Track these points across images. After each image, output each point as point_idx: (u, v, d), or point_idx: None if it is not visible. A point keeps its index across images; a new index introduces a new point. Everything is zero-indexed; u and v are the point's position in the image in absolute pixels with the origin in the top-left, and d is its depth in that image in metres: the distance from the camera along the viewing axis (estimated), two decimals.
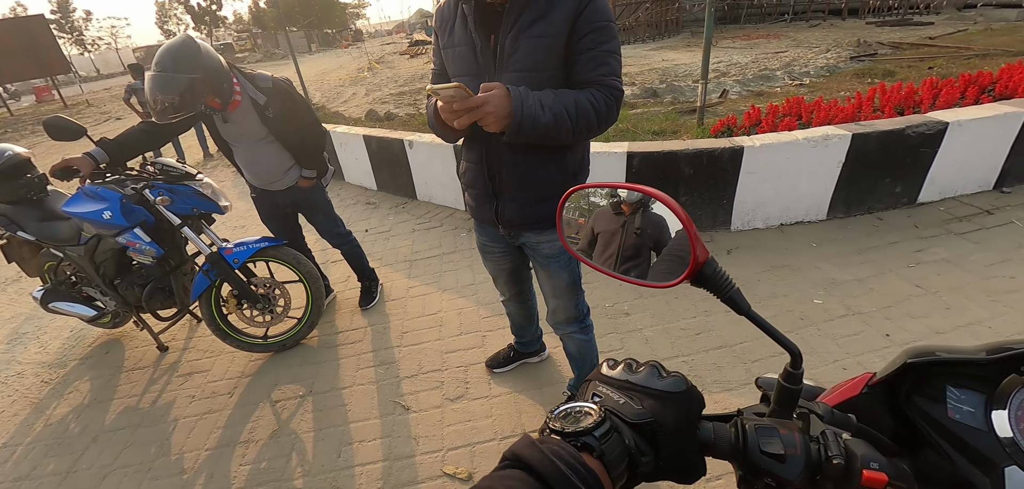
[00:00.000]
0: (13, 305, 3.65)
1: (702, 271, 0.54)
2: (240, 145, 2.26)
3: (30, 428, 2.38)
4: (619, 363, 0.55)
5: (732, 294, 0.54)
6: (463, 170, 1.52)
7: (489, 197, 1.45)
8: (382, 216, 4.16)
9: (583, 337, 1.74)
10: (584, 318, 1.72)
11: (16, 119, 16.23)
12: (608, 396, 0.49)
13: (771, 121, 3.51)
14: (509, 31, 1.19)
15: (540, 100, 1.14)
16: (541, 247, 1.51)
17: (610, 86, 1.21)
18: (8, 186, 2.46)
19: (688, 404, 0.47)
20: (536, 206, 1.41)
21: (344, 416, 2.14)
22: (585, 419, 0.44)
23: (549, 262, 1.54)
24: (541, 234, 1.48)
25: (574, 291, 1.62)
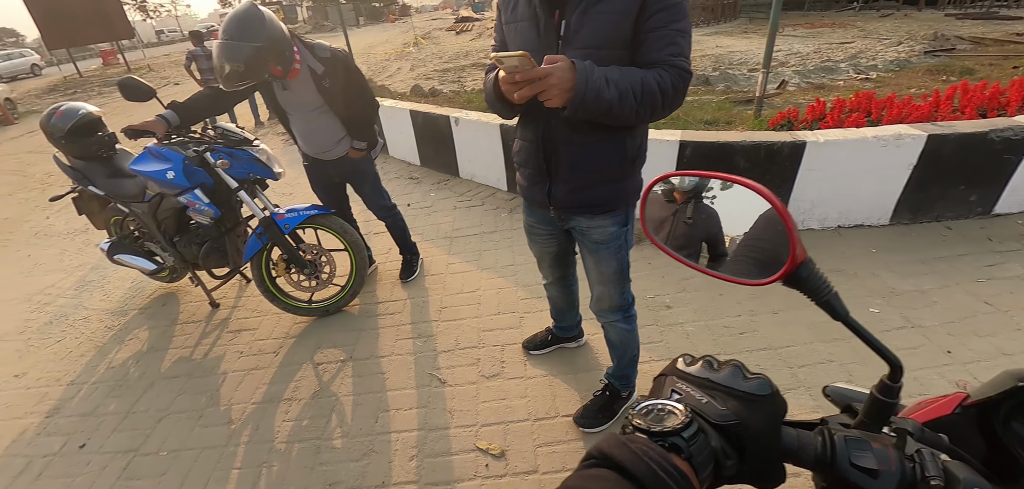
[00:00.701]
0: (81, 254, 3.94)
1: (799, 272, 0.50)
2: (296, 113, 2.31)
3: (94, 369, 2.57)
4: (697, 360, 0.52)
5: (829, 298, 0.50)
6: (517, 149, 1.49)
7: (542, 178, 1.42)
8: (425, 191, 4.20)
9: (626, 326, 1.70)
10: (628, 307, 1.68)
11: (85, 80, 17.34)
12: (689, 395, 0.46)
13: (837, 116, 3.28)
14: (577, 7, 1.15)
15: (605, 75, 1.09)
16: (591, 233, 1.47)
17: (678, 67, 1.16)
18: (81, 143, 2.62)
19: (773, 408, 0.44)
20: (590, 190, 1.37)
21: (382, 383, 2.20)
22: (670, 419, 0.42)
23: (598, 248, 1.50)
24: (593, 219, 1.44)
25: (621, 280, 1.58)
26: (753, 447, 0.43)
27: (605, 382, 1.91)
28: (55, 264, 3.86)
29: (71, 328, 2.96)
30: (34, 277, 3.71)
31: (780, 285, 0.53)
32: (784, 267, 0.51)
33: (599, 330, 2.21)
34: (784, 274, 0.51)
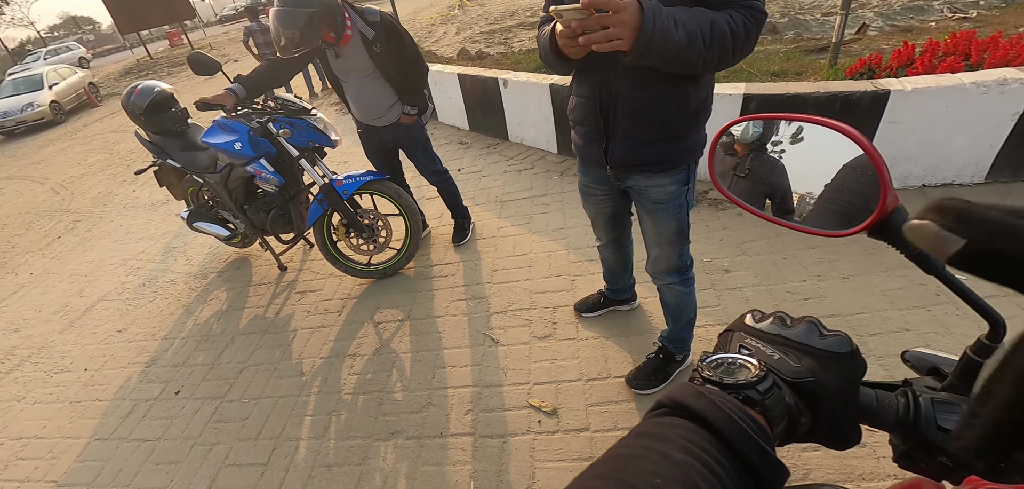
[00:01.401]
0: (165, 223, 4.31)
1: (889, 221, 0.46)
2: (350, 81, 2.36)
3: (183, 326, 2.85)
4: (767, 316, 0.49)
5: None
6: (572, 106, 1.44)
7: (599, 135, 1.38)
8: (474, 156, 4.22)
9: (684, 289, 1.65)
10: (687, 269, 1.62)
11: (155, 62, 18.60)
12: (759, 350, 0.44)
13: (928, 61, 2.91)
14: None
15: (673, 16, 1.01)
16: (650, 192, 1.41)
17: (752, 7, 1.06)
18: (158, 118, 2.83)
19: (853, 366, 0.41)
20: (649, 146, 1.31)
21: (438, 342, 2.28)
22: (742, 372, 0.40)
23: (657, 208, 1.44)
24: (652, 178, 1.38)
25: (680, 241, 1.52)
26: (829, 406, 0.40)
27: (659, 345, 1.87)
28: (143, 233, 4.26)
29: (161, 290, 3.28)
30: (127, 244, 4.12)
31: (853, 247, 0.48)
32: (874, 214, 0.47)
33: (653, 293, 2.17)
34: (873, 221, 0.47)
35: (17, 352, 2.98)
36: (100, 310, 3.21)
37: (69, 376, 2.65)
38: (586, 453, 1.69)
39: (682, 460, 0.30)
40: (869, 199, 0.47)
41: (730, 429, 0.33)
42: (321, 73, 7.53)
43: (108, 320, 3.08)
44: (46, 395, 2.56)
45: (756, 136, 0.66)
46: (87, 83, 13.32)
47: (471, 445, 1.80)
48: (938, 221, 0.32)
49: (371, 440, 1.89)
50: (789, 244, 2.42)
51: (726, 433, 0.32)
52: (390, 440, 1.88)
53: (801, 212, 0.59)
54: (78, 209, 5.33)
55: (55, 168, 7.47)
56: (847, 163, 0.52)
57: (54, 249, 4.42)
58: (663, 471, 0.30)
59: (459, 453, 1.78)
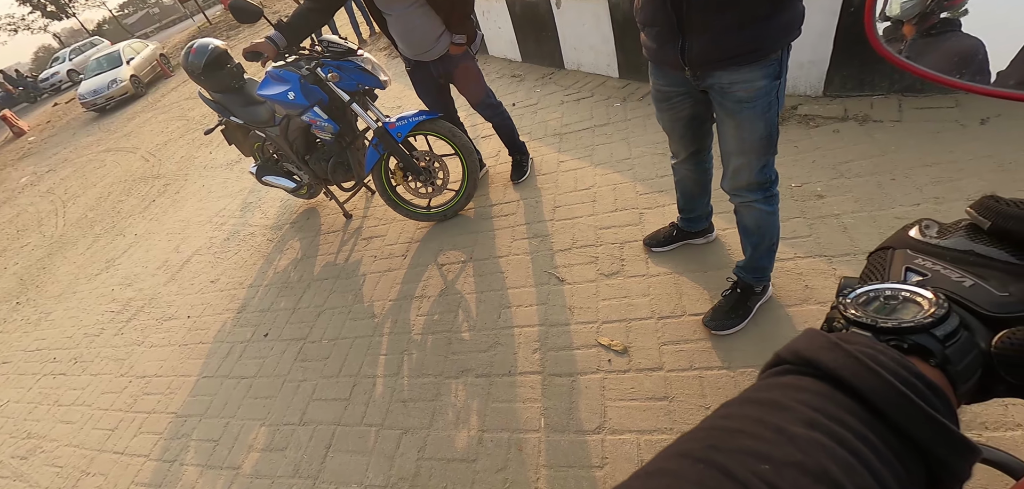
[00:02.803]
0: (239, 182, 4.58)
1: None
2: (394, 13, 2.25)
3: (265, 274, 3.05)
4: (950, 228, 0.35)
5: None
6: (639, 5, 1.26)
7: (673, 33, 1.21)
8: (528, 89, 4.02)
9: (767, 208, 1.45)
10: (771, 185, 1.42)
11: (214, 26, 19.44)
12: (940, 275, 0.30)
13: None
14: None
15: None
16: (735, 90, 1.23)
17: None
18: (216, 76, 2.89)
19: None
20: (734, 34, 1.13)
21: (502, 282, 2.26)
22: (909, 309, 0.28)
23: (742, 108, 1.26)
24: (738, 72, 1.20)
25: (767, 148, 1.33)
26: None
27: (734, 278, 1.70)
28: (222, 191, 4.56)
29: (243, 242, 3.53)
30: (210, 202, 4.44)
31: (979, 163, 0.34)
32: None
33: (733, 224, 1.97)
34: None
35: (133, 303, 3.37)
36: (194, 264, 3.52)
37: (176, 323, 2.96)
38: (660, 393, 1.62)
39: (805, 437, 0.21)
40: None
41: (884, 395, 0.22)
42: (367, 15, 7.43)
43: (202, 272, 3.37)
44: (159, 339, 2.88)
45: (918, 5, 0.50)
46: (159, 55, 14.24)
47: (540, 383, 1.79)
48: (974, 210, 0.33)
49: (442, 377, 1.94)
50: (898, 163, 2.09)
51: (878, 401, 0.22)
52: (460, 378, 1.91)
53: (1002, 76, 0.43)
54: (166, 174, 5.81)
55: (143, 138, 8.16)
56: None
57: (151, 211, 4.88)
58: (776, 452, 0.21)
59: (528, 391, 1.78)
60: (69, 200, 6.52)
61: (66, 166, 8.59)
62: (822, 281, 1.79)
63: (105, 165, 7.50)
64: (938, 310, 0.27)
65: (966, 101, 2.31)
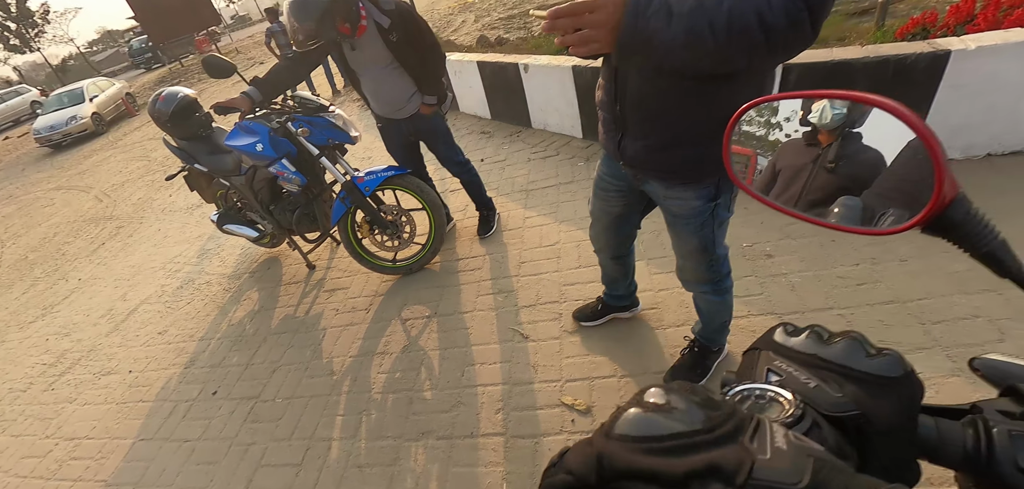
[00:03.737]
0: (199, 227, 4.44)
1: (947, 214, 0.38)
2: (367, 74, 2.32)
3: (218, 327, 2.91)
4: (801, 331, 0.40)
5: (994, 248, 0.37)
6: (598, 87, 1.27)
7: (615, 126, 1.19)
8: (497, 145, 4.14)
9: (716, 298, 1.48)
10: (720, 280, 1.43)
11: (186, 70, 19.26)
12: (792, 377, 0.36)
13: (991, 15, 2.64)
14: None
15: (669, 8, 0.79)
16: (669, 203, 1.24)
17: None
18: (183, 124, 2.87)
19: (909, 393, 0.33)
20: (664, 152, 1.11)
21: (466, 338, 2.24)
22: (773, 408, 0.33)
23: (677, 222, 1.27)
24: (670, 188, 1.19)
25: (705, 256, 1.34)
26: (880, 444, 0.33)
27: (692, 338, 1.75)
28: (180, 236, 4.40)
29: (197, 291, 3.37)
30: (165, 248, 4.26)
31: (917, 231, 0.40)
32: (928, 206, 0.38)
33: (664, 295, 2.07)
34: (927, 215, 0.38)
35: (69, 355, 3.13)
36: (142, 313, 3.33)
37: (115, 378, 2.76)
38: None
39: None
40: (923, 187, 0.39)
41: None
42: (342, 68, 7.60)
43: (150, 323, 3.18)
44: (95, 397, 2.67)
45: (841, 121, 0.57)
46: (124, 94, 13.92)
47: (503, 445, 1.75)
48: None
49: (402, 440, 1.87)
50: (846, 234, 2.25)
51: None
52: (420, 440, 1.85)
53: (845, 208, 0.51)
54: (120, 215, 5.56)
55: (98, 177, 7.84)
56: (901, 146, 0.43)
57: (99, 255, 4.63)
58: None
59: (490, 454, 1.74)
60: (8, 240, 6.11)
61: (9, 203, 8.11)
62: None
63: (53, 204, 7.13)
64: (796, 410, 0.32)
65: None
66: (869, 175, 0.49)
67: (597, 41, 0.81)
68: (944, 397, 1.56)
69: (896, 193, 0.45)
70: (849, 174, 0.51)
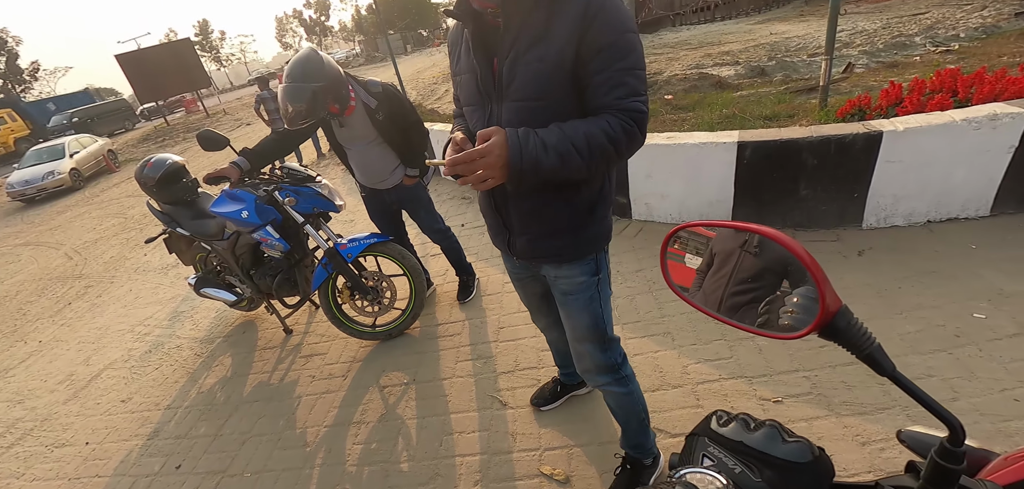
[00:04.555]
0: (173, 288, 4.35)
1: (833, 323, 0.47)
2: (353, 148, 2.44)
3: (187, 394, 2.82)
4: (732, 418, 0.49)
5: (872, 351, 0.47)
6: (478, 200, 1.41)
7: (501, 230, 1.33)
8: (477, 211, 4.27)
9: (620, 390, 1.49)
10: (618, 368, 1.46)
11: (172, 129, 19.37)
12: (722, 461, 0.44)
13: (916, 99, 2.98)
14: (507, 55, 1.06)
15: (543, 142, 1.00)
16: (559, 282, 1.35)
17: (628, 109, 1.02)
18: (169, 189, 2.91)
19: (815, 476, 0.41)
20: (548, 240, 1.26)
21: (445, 406, 2.23)
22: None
23: (567, 299, 1.36)
24: (559, 267, 1.32)
25: (598, 335, 1.39)
26: None
27: (621, 457, 1.69)
28: (152, 297, 4.30)
29: (167, 356, 3.28)
30: (135, 309, 4.15)
31: (866, 290, 0.49)
32: (815, 319, 0.47)
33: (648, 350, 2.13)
34: (816, 327, 0.48)
35: (20, 425, 2.95)
36: (105, 379, 3.20)
37: (70, 450, 2.61)
38: None
39: None
40: (814, 298, 0.48)
41: None
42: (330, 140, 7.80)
43: (113, 389, 3.06)
44: (46, 471, 2.51)
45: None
46: (107, 150, 13.85)
47: None
48: None
49: None
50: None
51: None
52: None
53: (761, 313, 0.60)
54: (90, 274, 5.41)
55: (71, 233, 7.65)
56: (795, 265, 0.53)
57: (64, 315, 4.46)
58: None
59: None
60: None
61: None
62: (744, 401, 1.95)
63: (20, 260, 6.88)
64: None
65: (845, 236, 2.75)
66: (783, 267, 0.58)
67: (493, 178, 0.99)
68: (901, 456, 1.64)
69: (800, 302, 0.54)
70: (770, 259, 0.59)
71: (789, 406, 1.83)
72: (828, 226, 2.81)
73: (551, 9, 1.02)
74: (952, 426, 0.43)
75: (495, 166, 0.97)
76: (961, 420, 0.45)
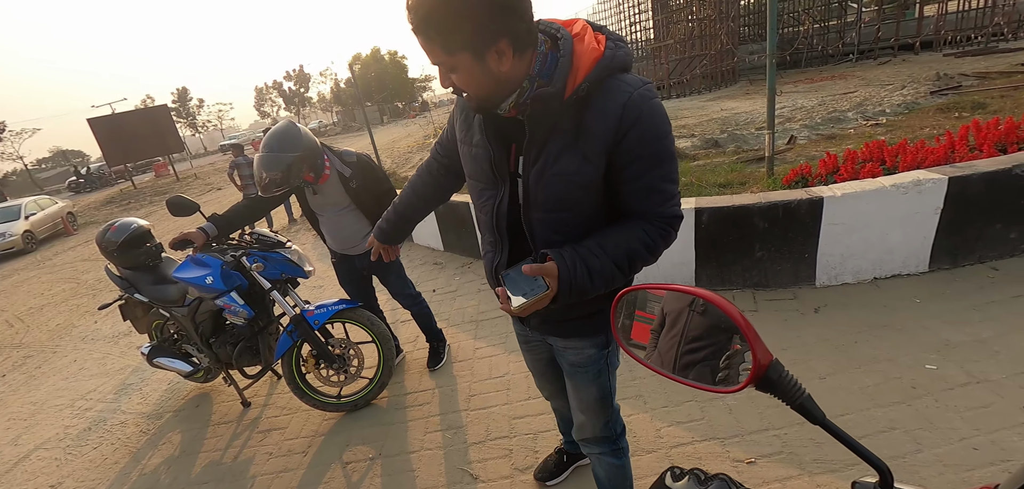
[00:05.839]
0: (123, 358, 4.09)
1: (766, 376, 0.51)
2: (326, 214, 2.46)
3: (127, 477, 2.58)
4: (685, 474, 0.52)
5: (803, 401, 0.52)
6: (486, 266, 1.29)
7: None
8: (449, 276, 4.27)
9: (614, 461, 1.47)
10: (617, 439, 1.46)
11: (139, 192, 18.89)
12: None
13: (850, 168, 3.28)
14: (533, 164, 0.99)
15: (588, 270, 0.97)
16: (567, 353, 1.30)
17: (666, 217, 1.00)
18: (131, 254, 2.82)
19: None
20: (561, 312, 1.18)
21: (412, 482, 2.12)
22: None
23: (575, 371, 1.32)
24: (567, 340, 1.27)
25: (603, 408, 1.37)
26: None
27: None
28: (98, 368, 4.01)
29: (108, 433, 3.02)
30: (78, 382, 3.85)
31: (823, 345, 0.53)
32: (750, 373, 0.51)
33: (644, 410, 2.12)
34: (751, 380, 0.52)
35: None
36: (34, 461, 2.90)
37: None
38: None
39: None
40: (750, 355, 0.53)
41: None
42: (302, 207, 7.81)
43: (42, 473, 2.77)
44: None
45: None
46: (66, 213, 13.34)
47: None
48: None
49: None
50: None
51: None
52: None
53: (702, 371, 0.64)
54: (31, 343, 5.04)
55: (15, 299, 7.16)
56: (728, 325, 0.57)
57: None
58: None
59: None
60: None
61: None
62: (719, 464, 1.94)
63: None
64: None
65: (802, 294, 2.88)
66: (731, 325, 0.62)
67: (544, 307, 0.97)
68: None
69: (740, 359, 0.58)
70: (717, 317, 0.62)
71: (763, 466, 1.83)
72: (785, 285, 2.96)
73: (580, 115, 0.94)
74: (880, 470, 0.47)
75: (546, 300, 0.96)
76: (928, 471, 0.48)
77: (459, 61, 0.85)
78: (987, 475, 1.61)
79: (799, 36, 16.79)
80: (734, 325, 0.54)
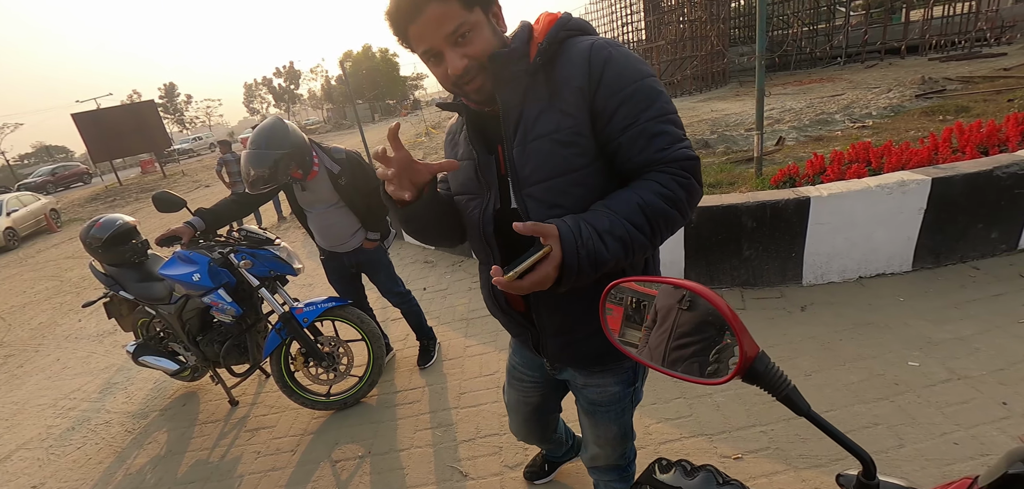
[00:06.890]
0: (108, 357, 4.02)
1: (753, 367, 0.52)
2: (314, 211, 2.44)
3: (112, 477, 2.54)
4: (672, 465, 0.52)
5: (788, 392, 0.52)
6: (483, 289, 1.18)
7: (525, 328, 1.12)
8: (439, 275, 4.26)
9: (622, 485, 1.40)
10: (627, 466, 1.38)
11: (124, 188, 18.60)
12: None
13: (837, 169, 3.33)
14: (513, 141, 0.91)
15: (597, 230, 0.81)
16: (587, 391, 1.18)
17: (676, 159, 0.85)
18: (116, 250, 2.77)
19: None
20: (587, 342, 1.05)
21: (402, 480, 2.11)
22: None
23: (596, 410, 1.20)
24: (591, 376, 1.14)
25: (621, 442, 1.27)
26: None
27: None
28: (82, 367, 3.94)
29: (92, 433, 2.97)
30: (61, 381, 3.78)
31: (809, 343, 0.54)
32: (737, 364, 0.52)
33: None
34: (737, 372, 0.52)
35: None
36: (16, 462, 2.84)
37: None
38: None
39: None
40: (736, 347, 0.53)
41: None
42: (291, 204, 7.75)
43: (23, 474, 2.71)
44: None
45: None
46: (49, 210, 13.10)
47: None
48: None
49: None
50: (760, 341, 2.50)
51: None
52: None
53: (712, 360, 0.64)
54: (12, 342, 4.93)
55: None
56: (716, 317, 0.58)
57: None
58: None
59: None
60: None
61: None
62: (706, 459, 1.94)
63: None
64: None
65: (788, 292, 2.92)
66: (720, 319, 0.62)
67: (547, 280, 0.80)
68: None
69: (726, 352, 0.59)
70: (706, 311, 0.63)
71: (750, 462, 1.86)
72: (772, 284, 3.00)
73: (550, 75, 0.89)
74: (864, 461, 0.47)
75: (551, 265, 0.79)
76: (909, 466, 0.49)
77: (475, 19, 0.85)
78: (966, 469, 1.65)
79: (788, 39, 17.02)
80: (721, 318, 0.55)
